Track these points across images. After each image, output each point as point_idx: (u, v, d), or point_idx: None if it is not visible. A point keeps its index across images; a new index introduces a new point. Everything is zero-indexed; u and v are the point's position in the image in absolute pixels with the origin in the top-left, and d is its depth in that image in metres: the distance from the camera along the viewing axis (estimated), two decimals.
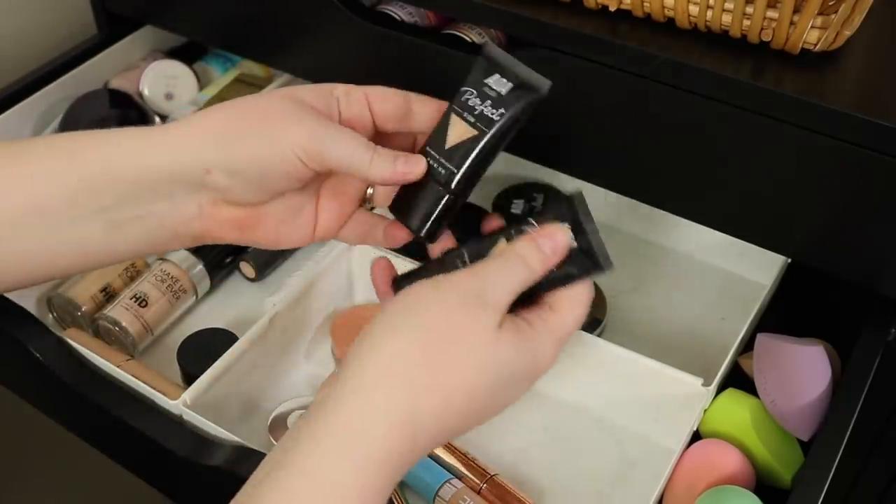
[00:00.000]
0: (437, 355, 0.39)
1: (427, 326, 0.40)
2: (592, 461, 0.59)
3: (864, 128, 0.47)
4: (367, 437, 0.38)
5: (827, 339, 0.58)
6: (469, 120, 0.45)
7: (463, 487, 0.55)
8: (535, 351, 0.42)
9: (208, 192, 0.46)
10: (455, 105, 0.46)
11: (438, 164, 0.46)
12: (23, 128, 0.75)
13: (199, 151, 0.45)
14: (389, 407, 0.38)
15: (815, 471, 0.49)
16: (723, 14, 0.50)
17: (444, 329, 0.40)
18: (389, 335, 0.40)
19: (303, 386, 0.64)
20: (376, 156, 0.45)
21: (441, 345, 0.40)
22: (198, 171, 0.45)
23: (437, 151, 0.46)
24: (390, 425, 0.38)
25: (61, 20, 0.85)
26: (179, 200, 0.46)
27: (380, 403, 0.38)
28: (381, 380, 0.39)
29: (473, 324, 0.40)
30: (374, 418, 0.38)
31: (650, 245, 0.74)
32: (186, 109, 0.79)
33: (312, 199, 0.48)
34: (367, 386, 0.39)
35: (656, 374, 0.57)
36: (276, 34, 0.69)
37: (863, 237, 0.52)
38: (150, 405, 0.56)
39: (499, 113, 0.45)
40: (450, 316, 0.40)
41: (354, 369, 0.39)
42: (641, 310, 0.69)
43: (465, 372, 0.40)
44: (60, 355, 0.58)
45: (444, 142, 0.46)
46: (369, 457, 0.37)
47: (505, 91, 0.45)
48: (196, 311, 0.68)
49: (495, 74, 0.46)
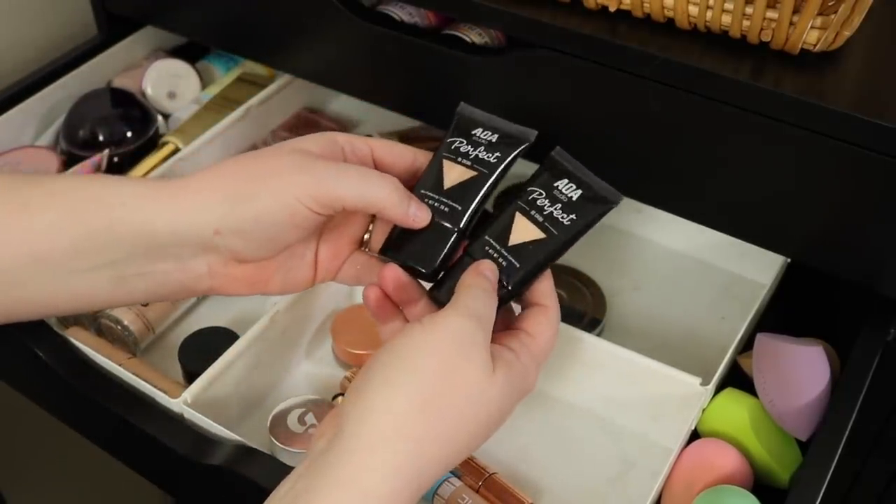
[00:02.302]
0: (438, 407, 0.40)
1: (424, 376, 0.40)
2: (591, 460, 0.59)
3: (864, 128, 0.47)
4: (375, 494, 0.37)
5: (826, 339, 0.58)
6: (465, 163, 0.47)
7: (461, 486, 0.55)
8: (522, 378, 0.43)
9: (217, 253, 0.46)
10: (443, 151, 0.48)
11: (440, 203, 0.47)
12: (26, 126, 0.75)
13: (207, 214, 0.44)
14: (397, 464, 0.38)
15: (813, 470, 0.49)
16: (722, 14, 0.50)
17: (441, 376, 0.40)
18: (389, 391, 0.40)
19: (303, 385, 0.64)
20: (394, 192, 0.45)
21: (440, 395, 0.40)
22: (206, 233, 0.45)
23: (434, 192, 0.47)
24: (397, 481, 0.38)
25: (62, 21, 0.85)
26: (187, 260, 0.46)
27: (388, 461, 0.38)
28: (386, 441, 0.38)
29: (469, 366, 0.41)
30: (381, 477, 0.38)
31: (650, 245, 0.74)
32: (189, 108, 0.79)
33: (313, 245, 0.49)
34: (374, 445, 0.38)
35: (655, 373, 0.57)
36: (276, 35, 0.69)
37: (862, 237, 0.52)
38: (151, 403, 0.56)
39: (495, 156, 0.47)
40: (446, 362, 0.40)
41: (355, 427, 0.39)
42: (641, 309, 0.69)
43: (465, 415, 0.40)
44: (62, 353, 0.58)
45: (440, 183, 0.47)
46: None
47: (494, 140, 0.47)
48: (197, 310, 0.69)
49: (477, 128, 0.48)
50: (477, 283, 0.44)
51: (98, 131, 0.74)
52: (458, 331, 0.41)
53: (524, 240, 0.46)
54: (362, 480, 0.38)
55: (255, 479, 0.50)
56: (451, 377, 0.40)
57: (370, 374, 0.40)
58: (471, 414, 0.41)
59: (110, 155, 0.72)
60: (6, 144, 0.73)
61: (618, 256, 0.73)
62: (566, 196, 0.46)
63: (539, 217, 0.46)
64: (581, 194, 0.46)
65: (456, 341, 0.41)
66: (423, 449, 0.39)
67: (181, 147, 0.74)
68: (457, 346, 0.41)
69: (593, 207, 0.46)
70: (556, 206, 0.46)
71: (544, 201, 0.46)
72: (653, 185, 0.58)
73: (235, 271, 0.47)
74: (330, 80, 0.69)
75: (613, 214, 0.75)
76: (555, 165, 0.47)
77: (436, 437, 0.39)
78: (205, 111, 0.78)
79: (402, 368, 0.40)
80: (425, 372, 0.40)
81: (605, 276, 0.71)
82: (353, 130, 0.83)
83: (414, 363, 0.40)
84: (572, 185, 0.46)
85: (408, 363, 0.40)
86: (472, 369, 0.41)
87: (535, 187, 0.47)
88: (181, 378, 0.61)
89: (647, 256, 0.73)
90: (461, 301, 0.43)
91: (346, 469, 0.38)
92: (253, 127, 0.78)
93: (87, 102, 0.76)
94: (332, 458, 0.38)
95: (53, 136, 0.76)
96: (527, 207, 0.46)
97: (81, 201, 0.45)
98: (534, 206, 0.46)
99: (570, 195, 0.46)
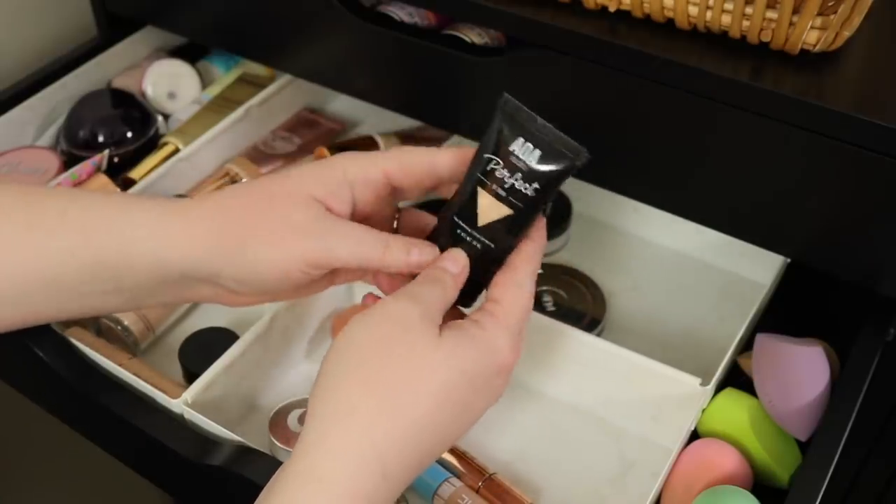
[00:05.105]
0: (379, 382, 0.39)
1: (361, 354, 0.40)
2: (591, 460, 0.59)
3: (864, 128, 0.47)
4: (332, 479, 0.37)
5: (826, 339, 0.58)
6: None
7: (461, 486, 0.55)
8: (488, 345, 0.41)
9: (223, 287, 0.46)
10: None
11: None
12: (26, 126, 0.75)
13: (209, 258, 0.44)
14: (350, 443, 0.38)
15: (813, 470, 0.49)
16: (722, 15, 0.50)
17: (377, 351, 0.40)
18: (332, 383, 0.40)
19: (303, 385, 0.64)
20: (388, 251, 0.44)
21: (380, 371, 0.39)
22: (210, 272, 0.45)
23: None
24: (352, 462, 0.38)
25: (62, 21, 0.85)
26: (194, 287, 0.46)
27: (340, 442, 0.38)
28: (336, 423, 0.38)
29: (406, 336, 0.40)
30: (334, 458, 0.38)
31: (650, 245, 0.74)
32: (189, 108, 0.79)
33: None
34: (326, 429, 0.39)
35: (655, 373, 0.57)
36: (276, 35, 0.69)
37: (862, 237, 0.52)
38: (151, 404, 0.56)
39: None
40: (382, 338, 0.40)
41: (309, 419, 0.39)
42: (640, 309, 0.69)
43: (411, 384, 0.39)
44: (63, 354, 0.58)
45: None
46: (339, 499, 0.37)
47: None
48: (198, 311, 0.69)
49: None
50: (429, 272, 0.44)
51: (98, 131, 0.74)
52: (393, 310, 0.41)
53: (492, 219, 0.44)
54: (318, 469, 0.38)
55: (255, 479, 0.50)
56: (388, 349, 0.40)
57: (321, 369, 0.41)
58: (418, 382, 0.39)
59: (110, 155, 0.72)
60: (6, 144, 0.73)
61: (617, 256, 0.73)
62: (524, 163, 0.43)
63: (501, 192, 0.43)
64: (540, 156, 0.43)
65: (391, 318, 0.41)
66: (374, 422, 0.38)
67: (181, 147, 0.74)
68: (391, 322, 0.40)
69: (556, 171, 0.43)
70: (516, 177, 0.43)
71: (503, 172, 0.43)
72: (652, 184, 0.58)
73: (242, 299, 0.47)
74: (330, 80, 0.69)
75: (614, 214, 0.76)
76: (507, 121, 0.43)
77: (385, 409, 0.39)
78: (205, 111, 0.78)
79: (343, 352, 0.40)
80: (362, 350, 0.40)
81: (605, 276, 0.71)
82: (354, 130, 0.83)
83: (352, 346, 0.40)
84: (529, 146, 0.43)
85: (345, 355, 0.40)
86: (409, 338, 0.40)
87: (491, 155, 0.43)
88: (181, 378, 0.61)
89: (647, 256, 0.73)
90: (403, 288, 0.43)
91: (303, 460, 0.38)
92: (253, 127, 0.78)
93: (87, 103, 0.76)
94: (295, 452, 0.39)
95: (54, 137, 0.76)
96: (487, 181, 0.44)
97: (95, 229, 0.45)
98: (493, 178, 0.43)
99: (529, 161, 0.43)
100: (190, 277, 0.45)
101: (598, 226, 0.76)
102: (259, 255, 0.44)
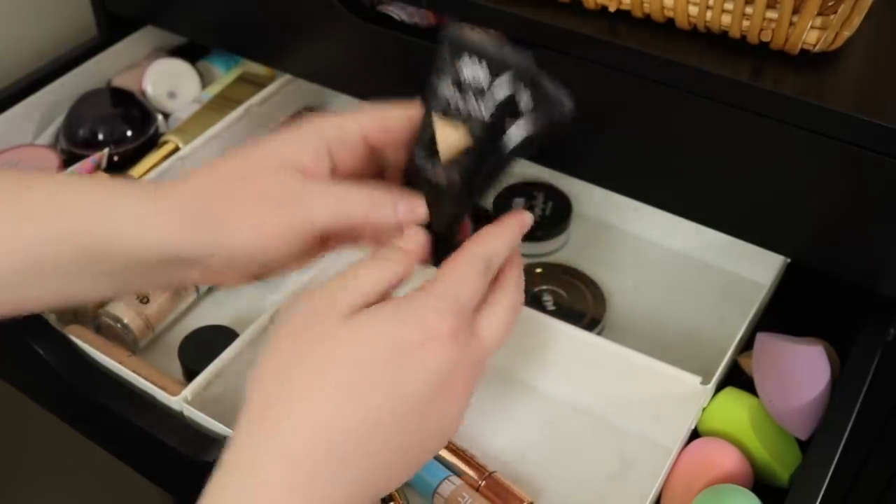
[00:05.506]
0: (287, 372, 0.38)
1: (277, 344, 0.39)
2: (591, 459, 0.59)
3: (864, 128, 0.47)
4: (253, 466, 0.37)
5: (826, 338, 0.58)
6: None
7: (461, 485, 0.55)
8: (407, 313, 0.39)
9: (211, 269, 0.46)
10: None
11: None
12: (26, 125, 0.75)
13: (188, 242, 0.44)
14: (274, 430, 0.37)
15: (813, 470, 0.49)
16: (722, 14, 0.51)
17: (289, 337, 0.39)
18: (251, 386, 0.39)
19: None
20: (372, 207, 0.43)
21: (288, 360, 0.38)
22: (192, 256, 0.44)
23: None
24: (265, 463, 0.37)
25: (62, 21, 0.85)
26: (181, 270, 0.46)
27: (265, 430, 0.37)
28: (247, 426, 0.38)
29: (314, 318, 0.39)
30: (252, 463, 0.37)
31: (650, 245, 0.74)
32: (189, 108, 0.79)
33: None
34: (247, 425, 0.38)
35: (655, 372, 0.57)
36: (275, 34, 0.69)
37: (862, 237, 0.52)
38: (150, 401, 0.56)
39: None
40: (293, 325, 0.39)
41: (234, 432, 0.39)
42: (641, 308, 0.69)
43: (325, 365, 0.38)
44: (62, 351, 0.58)
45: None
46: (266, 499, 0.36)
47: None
48: (197, 309, 0.69)
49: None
50: (376, 251, 0.42)
51: (98, 130, 0.74)
52: (312, 305, 0.40)
53: (453, 151, 0.41)
54: (242, 457, 0.37)
55: None
56: (299, 335, 0.39)
57: None
58: (331, 362, 0.37)
59: (110, 154, 0.72)
60: (6, 143, 0.73)
61: (617, 256, 0.73)
62: (475, 79, 0.40)
63: (457, 115, 0.41)
64: (489, 70, 0.40)
65: (304, 313, 0.40)
66: (283, 419, 0.37)
67: (181, 146, 0.74)
68: (305, 315, 0.40)
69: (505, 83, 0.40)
70: (467, 97, 0.40)
71: (454, 93, 0.41)
72: (653, 184, 0.58)
73: (231, 277, 0.47)
74: (330, 80, 0.69)
75: (613, 214, 0.76)
76: (453, 42, 0.41)
77: (296, 399, 0.37)
78: (205, 110, 0.78)
79: (259, 362, 0.40)
80: (278, 340, 0.39)
81: (605, 276, 0.71)
82: None
83: (265, 352, 0.40)
84: (475, 60, 0.40)
85: (262, 355, 0.40)
86: (318, 320, 0.39)
87: (441, 78, 0.41)
88: (181, 376, 0.61)
89: (647, 256, 0.73)
90: None
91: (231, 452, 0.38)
92: (253, 127, 0.78)
93: (87, 101, 0.76)
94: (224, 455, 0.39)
95: (53, 135, 0.76)
96: (441, 107, 0.41)
97: (85, 215, 0.44)
98: (446, 102, 0.41)
99: (478, 76, 0.40)
100: (173, 261, 0.45)
101: (598, 226, 0.76)
102: (238, 233, 0.43)
